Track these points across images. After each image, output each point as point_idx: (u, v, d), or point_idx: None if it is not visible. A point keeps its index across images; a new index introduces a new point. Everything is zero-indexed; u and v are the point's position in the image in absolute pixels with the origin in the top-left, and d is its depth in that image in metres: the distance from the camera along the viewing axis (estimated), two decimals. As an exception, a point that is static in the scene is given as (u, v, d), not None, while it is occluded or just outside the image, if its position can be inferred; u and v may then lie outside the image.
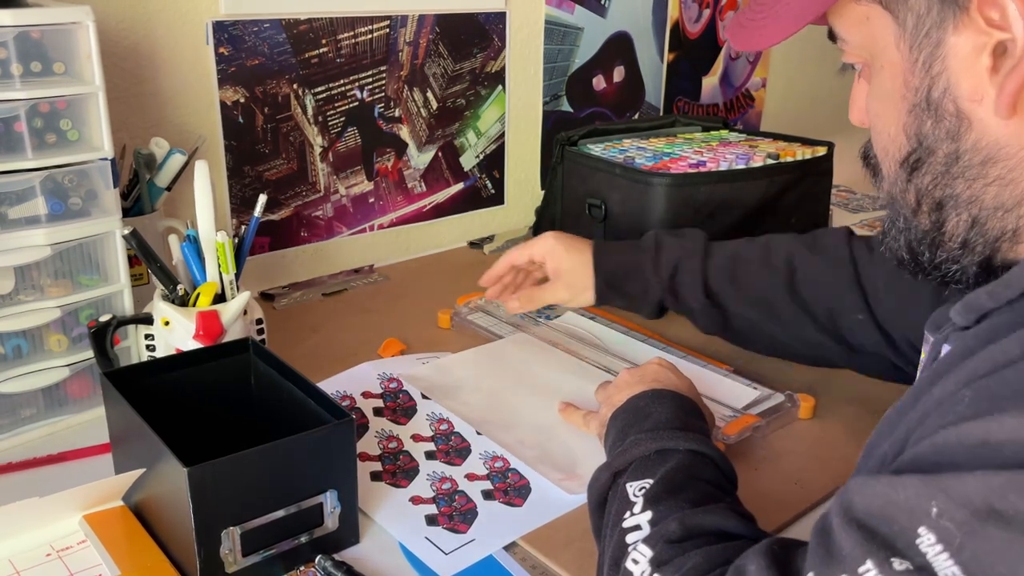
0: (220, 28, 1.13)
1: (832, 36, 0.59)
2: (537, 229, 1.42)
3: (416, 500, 0.78)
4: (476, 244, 1.45)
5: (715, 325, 0.97)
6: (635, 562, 0.56)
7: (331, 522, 0.70)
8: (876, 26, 0.54)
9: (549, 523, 0.75)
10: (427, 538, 0.73)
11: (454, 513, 0.76)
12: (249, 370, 0.82)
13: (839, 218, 1.64)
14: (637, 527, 0.59)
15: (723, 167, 1.22)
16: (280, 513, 0.67)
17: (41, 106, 0.80)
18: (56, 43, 0.81)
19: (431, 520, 0.75)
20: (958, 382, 0.47)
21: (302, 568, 0.70)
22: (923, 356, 0.61)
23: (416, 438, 0.87)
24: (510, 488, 0.80)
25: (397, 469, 0.82)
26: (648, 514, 0.59)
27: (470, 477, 0.81)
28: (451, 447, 0.86)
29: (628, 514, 0.60)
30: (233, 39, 1.15)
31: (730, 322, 0.95)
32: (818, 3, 0.56)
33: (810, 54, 2.05)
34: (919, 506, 0.40)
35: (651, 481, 0.62)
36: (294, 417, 0.75)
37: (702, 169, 1.21)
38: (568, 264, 1.01)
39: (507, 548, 0.73)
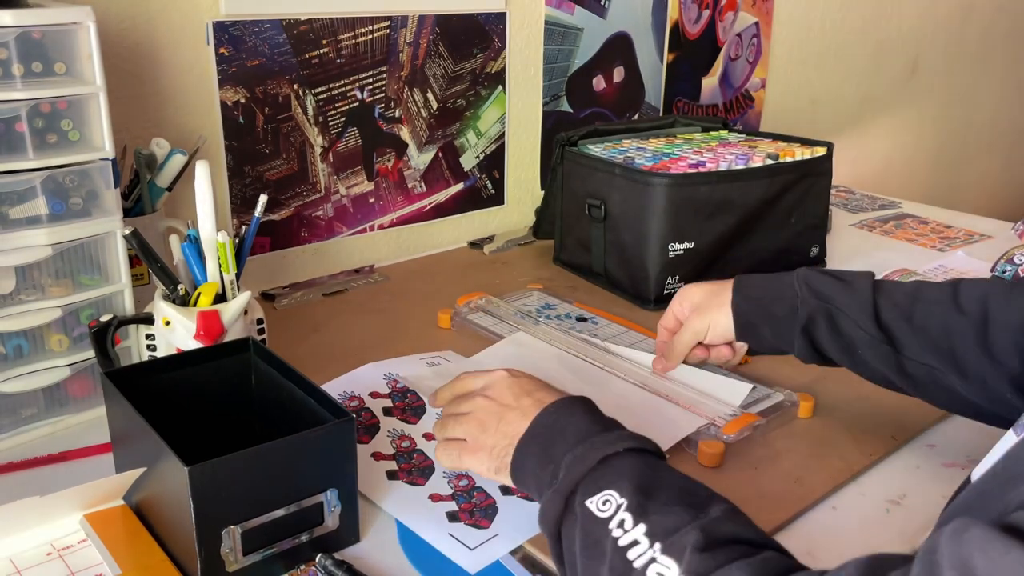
0: (221, 28, 1.13)
1: None
2: (537, 229, 1.42)
3: (435, 498, 0.78)
4: (476, 244, 1.45)
5: (882, 363, 0.82)
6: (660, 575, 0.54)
7: (331, 521, 0.71)
8: None
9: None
10: (451, 534, 0.74)
11: (475, 509, 0.77)
12: (250, 370, 0.82)
13: (839, 218, 1.64)
14: (635, 543, 0.56)
15: (723, 167, 1.22)
16: (280, 512, 0.68)
17: (42, 106, 0.81)
18: (57, 43, 0.81)
19: (452, 516, 0.76)
20: None
21: (302, 567, 0.70)
22: None
23: (428, 437, 0.87)
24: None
25: (413, 467, 0.83)
26: (642, 527, 0.57)
27: (486, 473, 0.81)
28: (462, 445, 0.86)
29: (619, 531, 0.57)
30: (234, 39, 1.15)
31: (903, 366, 0.81)
32: None
33: (810, 54, 2.05)
34: None
35: (615, 493, 0.59)
36: (295, 416, 0.75)
37: (702, 169, 1.21)
38: (701, 296, 0.93)
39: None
